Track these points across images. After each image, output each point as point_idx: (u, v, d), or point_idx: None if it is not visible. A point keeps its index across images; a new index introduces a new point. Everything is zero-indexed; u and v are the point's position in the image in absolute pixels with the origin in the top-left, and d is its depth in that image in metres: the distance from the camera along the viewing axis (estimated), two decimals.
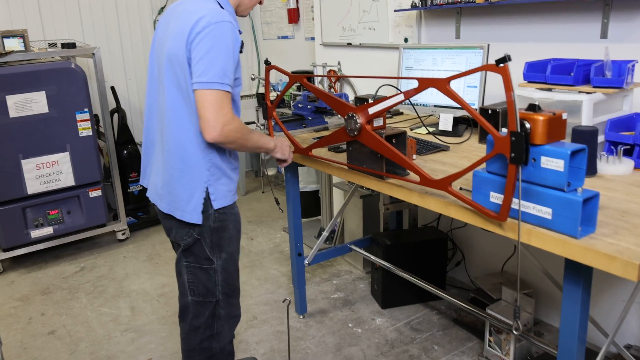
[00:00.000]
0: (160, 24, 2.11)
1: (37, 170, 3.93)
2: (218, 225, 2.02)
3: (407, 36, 3.29)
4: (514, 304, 2.71)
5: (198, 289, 2.09)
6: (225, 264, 2.08)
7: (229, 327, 2.20)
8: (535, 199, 1.63)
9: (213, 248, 2.03)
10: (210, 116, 1.81)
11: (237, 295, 2.21)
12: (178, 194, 1.98)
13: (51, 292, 3.71)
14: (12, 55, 3.79)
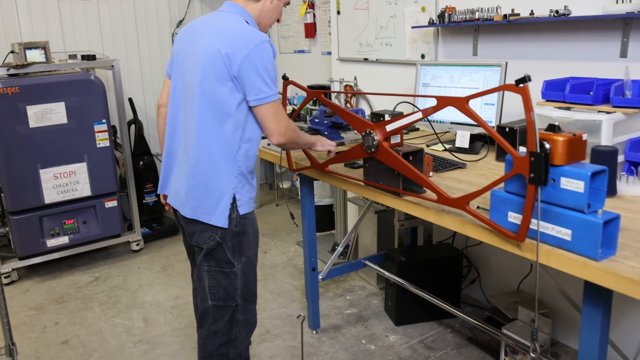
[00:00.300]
0: (184, 39, 2.17)
1: (55, 180, 3.97)
2: (239, 229, 2.09)
3: (424, 52, 3.29)
4: (531, 324, 2.68)
5: (219, 293, 2.13)
6: (245, 268, 2.14)
7: (246, 333, 2.24)
8: (554, 219, 1.61)
9: (234, 252, 2.10)
10: (274, 125, 2.04)
11: (254, 301, 2.26)
12: (206, 199, 2.06)
13: (65, 301, 3.73)
14: (34, 67, 3.84)
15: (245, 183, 2.10)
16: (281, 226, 4.91)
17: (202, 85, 2.01)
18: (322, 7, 4.63)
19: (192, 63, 2.06)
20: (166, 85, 2.30)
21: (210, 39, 2.01)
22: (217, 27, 2.05)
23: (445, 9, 2.89)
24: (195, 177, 2.07)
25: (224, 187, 2.05)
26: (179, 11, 5.46)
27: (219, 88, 1.98)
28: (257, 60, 1.95)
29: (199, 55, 2.02)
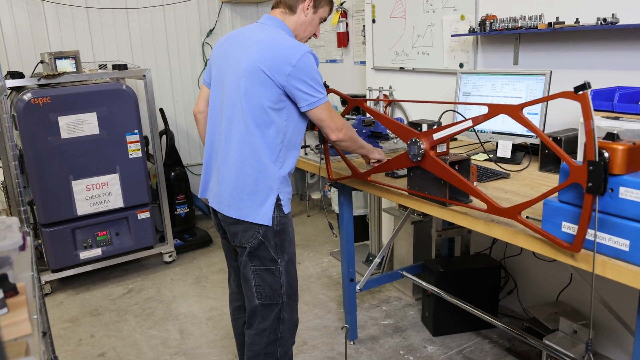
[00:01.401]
0: (224, 48, 2.27)
1: (87, 192, 3.96)
2: (280, 228, 2.18)
3: (463, 61, 3.27)
4: (573, 335, 2.64)
5: (265, 292, 2.22)
6: (287, 266, 2.23)
7: (290, 332, 2.32)
8: (611, 230, 1.59)
9: (277, 249, 2.19)
10: (331, 123, 2.17)
11: (296, 299, 2.33)
12: (252, 199, 2.15)
13: (100, 313, 3.74)
14: (64, 77, 3.82)
15: (286, 185, 2.20)
16: (314, 237, 4.90)
17: (246, 95, 2.10)
18: (355, 16, 4.62)
19: (234, 73, 2.15)
20: (203, 93, 2.40)
21: (255, 50, 2.11)
22: (261, 39, 2.14)
23: (486, 17, 2.87)
24: (242, 179, 2.15)
25: (269, 187, 2.14)
26: (209, 20, 5.48)
27: (262, 98, 2.08)
28: (302, 72, 2.05)
29: (241, 66, 2.12)
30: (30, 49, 4.57)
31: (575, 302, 2.99)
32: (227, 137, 2.18)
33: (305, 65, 2.06)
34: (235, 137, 2.15)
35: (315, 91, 2.09)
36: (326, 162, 2.70)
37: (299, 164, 3.05)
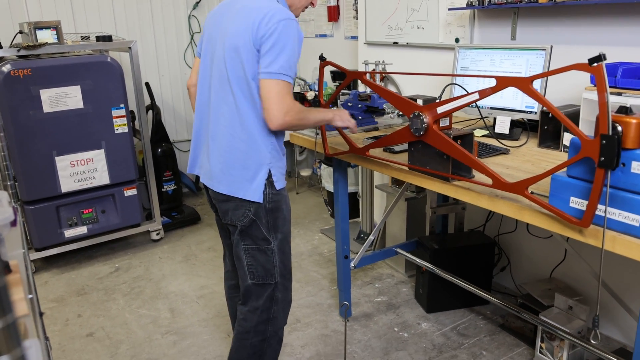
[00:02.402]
0: (214, 19, 2.18)
1: (72, 168, 3.83)
2: (273, 205, 2.10)
3: (459, 36, 3.22)
4: (569, 311, 2.64)
5: (257, 271, 2.16)
6: (281, 245, 2.16)
7: (284, 312, 2.27)
8: (622, 205, 1.57)
9: (269, 228, 2.11)
10: (274, 107, 1.94)
11: (290, 279, 2.27)
12: (242, 175, 2.07)
13: (87, 293, 3.67)
14: (45, 48, 3.66)
15: (279, 158, 2.12)
16: (303, 214, 4.86)
17: (232, 65, 2.02)
18: None
19: (221, 43, 2.07)
20: (196, 65, 2.30)
21: (240, 18, 2.02)
22: (246, 7, 2.04)
23: None
24: (232, 153, 2.07)
25: (259, 161, 2.06)
26: None
27: (247, 64, 1.98)
28: (277, 33, 1.93)
29: (227, 36, 2.04)
30: (7, 18, 4.38)
31: (568, 279, 3.00)
32: (216, 110, 2.11)
33: (284, 28, 1.94)
34: (224, 110, 2.07)
35: (277, 61, 1.93)
36: (322, 137, 2.65)
37: (293, 139, 2.99)
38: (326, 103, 2.60)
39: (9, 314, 0.50)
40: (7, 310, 0.50)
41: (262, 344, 2.25)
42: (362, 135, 2.83)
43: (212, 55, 2.13)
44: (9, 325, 0.50)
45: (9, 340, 0.50)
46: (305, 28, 5.21)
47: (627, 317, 2.70)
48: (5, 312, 0.50)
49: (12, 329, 0.50)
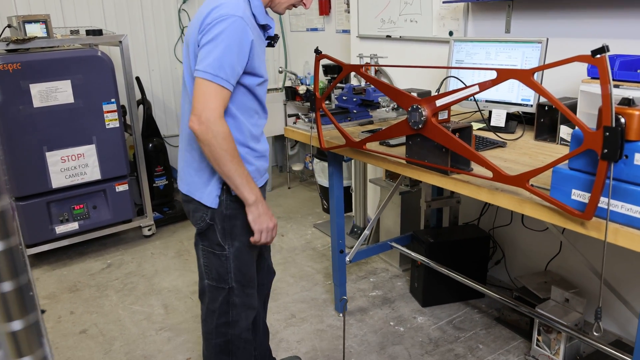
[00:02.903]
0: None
1: (62, 163, 3.78)
2: (230, 212, 1.98)
3: (452, 29, 3.21)
4: (565, 304, 2.64)
5: (212, 273, 2.07)
6: (237, 253, 2.03)
7: (246, 316, 2.16)
8: (624, 197, 1.56)
9: (225, 235, 2.00)
10: (196, 105, 1.76)
11: (252, 286, 2.15)
12: (198, 176, 1.98)
13: (79, 289, 3.62)
14: (35, 42, 3.60)
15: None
16: (296, 209, 4.83)
17: (186, 61, 1.92)
18: None
19: (185, 45, 1.96)
20: None
21: (198, 12, 1.90)
22: (207, 6, 1.87)
23: None
24: (190, 153, 1.99)
25: (212, 167, 1.92)
26: None
27: (193, 63, 1.86)
28: (214, 30, 1.76)
29: (187, 37, 1.94)
30: None
31: (564, 271, 3.00)
32: (182, 106, 2.03)
33: (222, 25, 1.76)
34: (186, 108, 1.97)
35: (207, 58, 1.76)
36: (318, 130, 2.63)
37: (287, 133, 2.97)
38: (322, 97, 2.57)
39: (31, 313, 0.48)
40: (30, 309, 0.48)
41: (227, 345, 2.17)
42: (357, 129, 2.82)
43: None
44: (32, 325, 0.48)
45: (31, 341, 0.48)
46: (296, 22, 5.18)
47: (622, 309, 2.70)
48: (27, 311, 0.47)
49: (35, 329, 0.48)
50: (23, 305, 0.48)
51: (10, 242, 0.46)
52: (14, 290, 0.47)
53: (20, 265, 0.47)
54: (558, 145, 2.37)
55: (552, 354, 2.63)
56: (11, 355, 0.48)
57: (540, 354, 2.67)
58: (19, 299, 0.48)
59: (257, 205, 1.92)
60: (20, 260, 0.47)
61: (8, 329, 0.48)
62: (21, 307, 0.48)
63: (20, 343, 0.49)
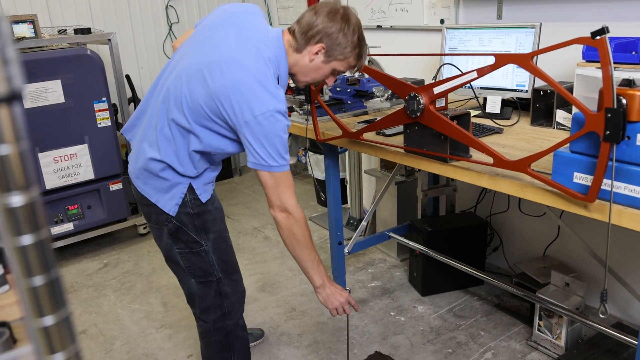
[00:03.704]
0: (210, 23, 1.96)
1: (55, 164, 3.75)
2: (197, 210, 1.97)
3: (444, 17, 3.20)
4: (566, 288, 2.66)
5: (197, 272, 2.05)
6: (215, 244, 2.04)
7: (239, 303, 2.20)
8: (627, 178, 1.56)
9: (198, 231, 1.99)
10: (273, 198, 1.88)
11: (236, 271, 2.18)
12: (158, 183, 1.92)
13: (76, 290, 3.60)
14: (23, 42, 3.56)
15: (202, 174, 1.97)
16: None
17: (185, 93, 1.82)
18: None
19: (193, 61, 1.83)
20: (188, 34, 2.07)
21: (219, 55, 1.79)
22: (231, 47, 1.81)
23: None
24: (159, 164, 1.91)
25: (177, 178, 1.91)
26: None
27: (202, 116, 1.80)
28: (258, 132, 1.74)
29: (198, 62, 1.81)
30: None
31: (563, 256, 3.02)
32: (153, 115, 1.93)
33: (265, 127, 1.74)
34: (161, 123, 1.88)
35: (267, 156, 1.77)
36: (313, 122, 2.62)
37: None
38: (316, 89, 2.55)
39: (62, 307, 0.47)
40: (61, 304, 0.47)
41: (227, 337, 2.19)
42: (352, 119, 2.81)
43: (181, 59, 1.91)
44: (63, 320, 0.47)
45: (63, 337, 0.48)
46: (284, 15, 5.15)
47: (622, 292, 2.72)
48: (59, 306, 0.47)
49: (67, 324, 0.47)
50: (54, 300, 0.47)
51: (41, 235, 0.45)
52: (45, 284, 0.47)
53: (51, 259, 0.46)
54: (555, 129, 2.38)
55: (554, 339, 2.64)
56: (44, 351, 0.47)
57: (542, 338, 2.69)
58: (50, 293, 0.47)
59: (324, 287, 2.05)
60: (50, 254, 0.46)
61: (40, 325, 0.47)
62: (52, 302, 0.47)
63: (53, 339, 0.48)
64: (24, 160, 0.46)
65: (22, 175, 0.46)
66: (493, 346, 2.74)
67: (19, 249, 0.46)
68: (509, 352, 2.70)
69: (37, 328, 0.47)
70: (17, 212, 0.46)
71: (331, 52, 1.87)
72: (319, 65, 1.90)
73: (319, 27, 1.82)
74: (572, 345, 2.61)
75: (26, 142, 0.45)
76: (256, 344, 2.86)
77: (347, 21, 1.84)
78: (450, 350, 2.73)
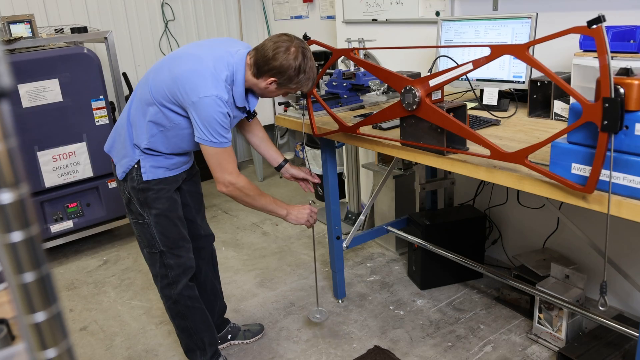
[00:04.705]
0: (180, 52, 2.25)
1: (54, 162, 3.77)
2: (141, 186, 2.26)
3: (439, 9, 3.19)
4: (565, 280, 2.65)
5: (143, 241, 2.37)
6: (157, 219, 2.31)
7: (185, 275, 2.42)
8: (626, 168, 1.55)
9: (142, 205, 2.29)
10: (217, 174, 2.17)
11: (180, 246, 2.39)
12: (120, 144, 2.29)
13: (76, 287, 3.61)
14: (20, 42, 3.58)
15: (154, 159, 2.26)
16: (288, 198, 4.81)
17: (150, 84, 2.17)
18: None
19: (160, 70, 2.18)
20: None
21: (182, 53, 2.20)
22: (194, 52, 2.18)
23: None
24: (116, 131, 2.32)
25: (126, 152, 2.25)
26: None
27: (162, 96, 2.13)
28: (202, 111, 2.05)
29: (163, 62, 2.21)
30: None
31: (562, 248, 3.01)
32: (130, 102, 2.29)
33: (204, 107, 2.05)
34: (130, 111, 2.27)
35: (207, 133, 2.08)
36: (310, 117, 2.61)
37: (278, 121, 2.95)
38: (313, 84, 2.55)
39: (53, 304, 0.46)
40: (52, 300, 0.46)
41: (177, 306, 2.44)
42: (348, 114, 2.80)
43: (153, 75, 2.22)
44: (55, 316, 0.47)
45: (55, 333, 0.47)
46: (279, 10, 5.14)
47: (623, 284, 2.72)
48: (50, 302, 0.46)
49: (58, 320, 0.47)
50: (45, 296, 0.47)
51: (31, 232, 0.45)
52: (35, 281, 0.46)
53: (41, 255, 0.46)
54: (552, 120, 2.37)
55: (554, 331, 2.63)
56: (36, 347, 0.47)
57: (543, 331, 2.68)
58: (41, 290, 0.47)
59: (289, 212, 2.36)
60: (40, 250, 0.46)
61: (31, 321, 0.47)
62: (43, 298, 0.47)
63: (45, 335, 0.48)
64: (12, 157, 0.45)
65: (10, 172, 0.45)
66: (493, 339, 2.74)
67: (8, 246, 0.46)
68: (509, 345, 2.70)
69: (28, 324, 0.47)
70: (7, 209, 0.46)
71: (282, 84, 2.16)
72: (272, 90, 2.21)
73: (272, 65, 2.09)
74: (573, 338, 2.60)
75: (15, 139, 0.45)
76: (255, 339, 2.87)
77: (296, 59, 2.10)
78: (449, 344, 2.73)
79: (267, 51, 2.10)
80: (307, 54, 2.15)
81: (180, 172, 2.38)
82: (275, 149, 2.64)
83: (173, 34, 5.25)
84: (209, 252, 2.72)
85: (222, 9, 5.52)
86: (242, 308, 3.19)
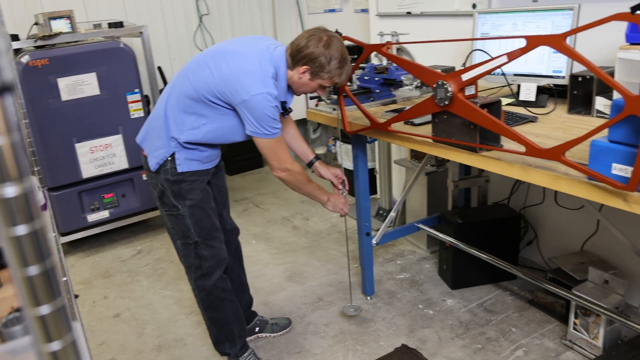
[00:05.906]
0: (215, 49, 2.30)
1: (91, 154, 3.88)
2: (176, 178, 2.28)
3: (475, 1, 3.12)
4: (604, 285, 2.56)
5: (178, 233, 2.39)
6: (191, 210, 2.34)
7: (218, 267, 2.45)
8: None
9: (176, 197, 2.31)
10: (273, 162, 2.29)
11: (214, 237, 2.43)
12: (153, 135, 2.33)
13: (111, 275, 3.69)
14: (60, 37, 3.70)
15: (190, 154, 2.30)
16: None
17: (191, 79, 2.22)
18: None
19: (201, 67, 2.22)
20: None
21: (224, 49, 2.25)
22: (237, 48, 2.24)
23: None
24: (149, 123, 2.39)
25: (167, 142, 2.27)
26: None
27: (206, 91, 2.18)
28: (253, 107, 2.12)
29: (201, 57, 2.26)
30: (23, 10, 4.37)
31: (602, 252, 2.90)
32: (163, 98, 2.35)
33: (255, 105, 2.12)
34: (166, 99, 2.32)
35: (259, 127, 2.15)
36: (341, 113, 2.58)
37: (310, 116, 2.94)
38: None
39: (58, 297, 0.46)
40: (57, 294, 0.46)
41: (210, 297, 2.47)
42: (380, 109, 2.76)
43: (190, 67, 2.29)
44: (59, 310, 0.46)
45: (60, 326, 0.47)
46: (313, 4, 5.12)
47: None
48: (54, 295, 0.46)
49: (62, 313, 0.46)
50: (50, 289, 0.47)
51: (35, 225, 0.45)
52: (40, 274, 0.46)
53: (46, 249, 0.46)
54: (594, 117, 2.28)
55: (590, 338, 2.54)
56: (40, 339, 0.47)
57: (578, 337, 2.59)
58: (45, 283, 0.47)
59: (329, 199, 2.53)
60: (45, 244, 0.46)
61: (36, 313, 0.47)
62: (48, 291, 0.47)
63: (49, 327, 0.49)
64: (16, 151, 0.46)
65: (15, 166, 0.46)
66: (525, 343, 2.68)
67: (13, 239, 0.47)
68: (542, 350, 2.63)
69: (33, 317, 0.47)
70: (11, 203, 0.46)
71: (315, 72, 2.20)
72: (306, 81, 2.24)
73: (304, 52, 2.16)
74: (611, 347, 2.49)
75: (18, 133, 0.45)
76: (283, 333, 2.86)
77: (329, 47, 2.15)
78: (479, 346, 2.68)
79: (301, 40, 2.18)
80: (339, 44, 2.20)
81: (212, 166, 2.42)
82: (307, 146, 2.69)
83: (207, 28, 5.28)
84: (234, 246, 2.75)
85: (255, 2, 5.53)
86: (271, 301, 3.19)
